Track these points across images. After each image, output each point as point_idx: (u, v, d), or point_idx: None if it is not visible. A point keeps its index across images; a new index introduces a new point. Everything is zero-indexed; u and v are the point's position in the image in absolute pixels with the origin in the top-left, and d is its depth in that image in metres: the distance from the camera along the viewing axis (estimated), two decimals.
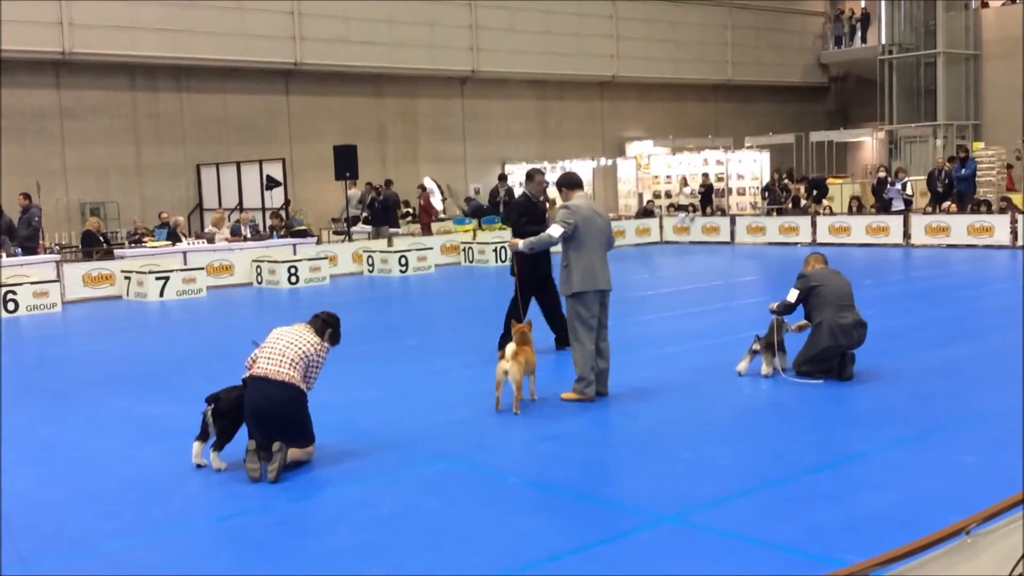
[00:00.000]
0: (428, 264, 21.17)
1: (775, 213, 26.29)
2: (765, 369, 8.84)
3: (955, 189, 23.54)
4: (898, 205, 23.82)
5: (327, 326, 6.94)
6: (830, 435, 7.09)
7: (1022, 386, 7.80)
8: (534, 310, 9.97)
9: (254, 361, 6.72)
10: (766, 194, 27.83)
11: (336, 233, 25.09)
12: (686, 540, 5.10)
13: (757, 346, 8.87)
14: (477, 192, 29.79)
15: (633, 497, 5.83)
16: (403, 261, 20.72)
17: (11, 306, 16.19)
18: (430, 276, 20.57)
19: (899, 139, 33.53)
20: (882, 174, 25.32)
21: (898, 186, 24.08)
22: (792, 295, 8.85)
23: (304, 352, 6.63)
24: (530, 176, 10.69)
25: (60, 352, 12.99)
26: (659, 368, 9.49)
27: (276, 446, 6.37)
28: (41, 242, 19.76)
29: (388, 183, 25.80)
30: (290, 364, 6.55)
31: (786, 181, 28.82)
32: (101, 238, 20.74)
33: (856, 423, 7.39)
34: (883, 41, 34.44)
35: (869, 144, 36.41)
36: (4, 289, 16.18)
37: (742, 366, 8.94)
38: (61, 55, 23.61)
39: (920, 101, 33.33)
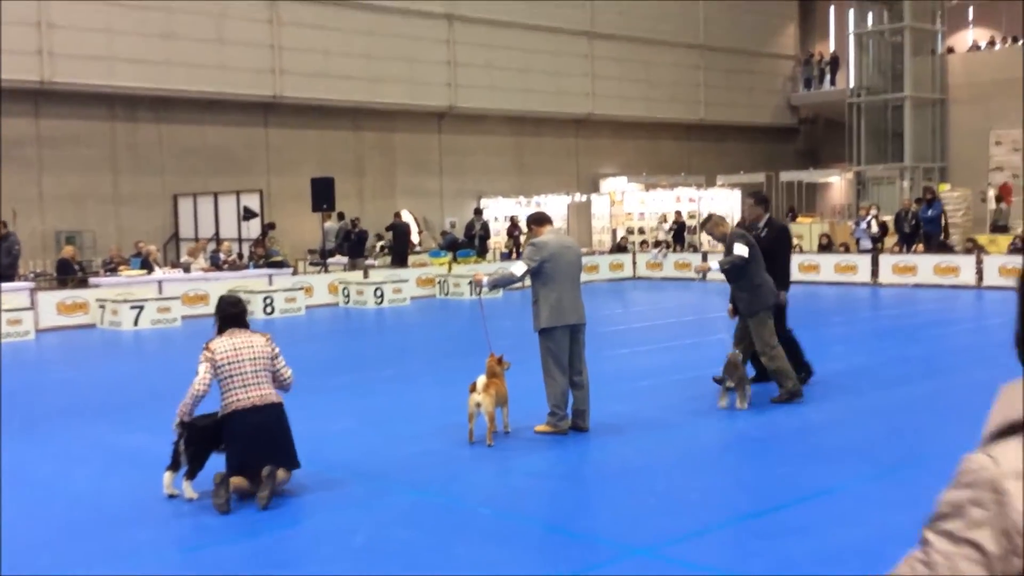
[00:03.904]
0: (403, 296, 21.23)
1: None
2: (740, 404, 9.03)
3: (921, 230, 23.97)
4: (865, 244, 24.19)
5: (244, 313, 6.86)
6: (800, 470, 7.20)
7: None
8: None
9: (206, 386, 6.52)
10: None
11: (312, 264, 25.13)
12: (658, 573, 5.16)
13: (731, 383, 9.05)
14: (453, 226, 29.94)
15: (606, 530, 5.91)
16: (378, 293, 20.78)
17: None
18: (405, 308, 20.63)
19: (867, 180, 34.09)
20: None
21: (863, 225, 24.46)
22: (744, 250, 9.19)
23: (264, 357, 6.64)
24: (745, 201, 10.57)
25: (33, 380, 12.90)
26: (632, 402, 9.60)
27: (266, 471, 6.33)
28: (17, 269, 19.66)
29: (397, 215, 26.16)
30: (265, 380, 6.58)
31: None
32: (77, 266, 20.66)
33: (826, 458, 7.51)
34: (852, 84, 35.10)
35: (838, 184, 36.99)
36: None
37: (723, 403, 9.12)
38: (40, 84, 23.59)
39: (888, 143, 33.94)
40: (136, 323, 17.64)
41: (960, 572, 1.30)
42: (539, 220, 8.67)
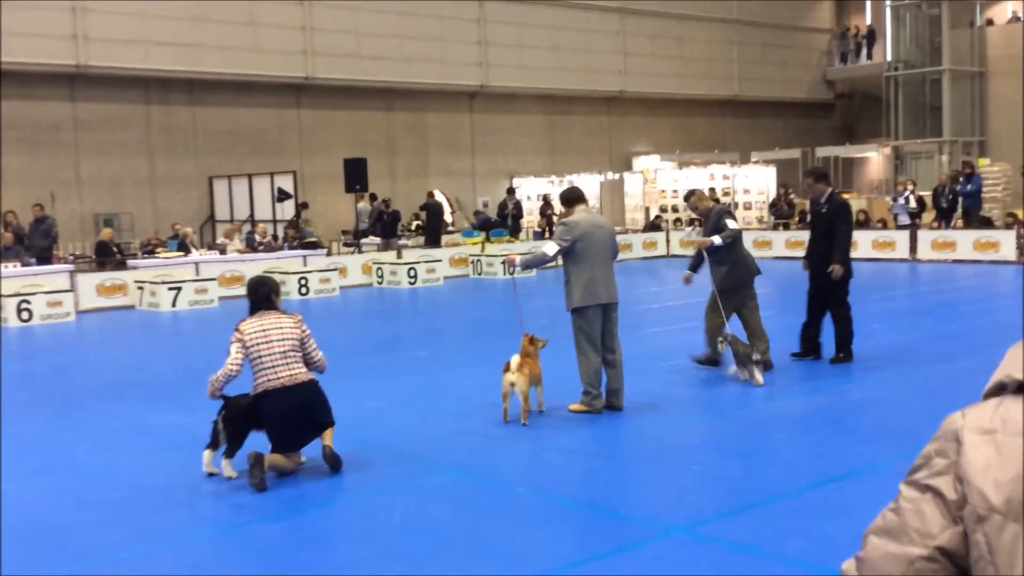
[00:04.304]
0: (437, 276, 21.29)
1: (782, 228, 26.40)
2: (762, 372, 9.13)
3: (959, 205, 23.61)
4: (903, 220, 23.89)
5: (272, 294, 6.90)
6: (837, 449, 7.15)
7: None
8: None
9: (238, 367, 6.64)
10: (772, 209, 27.95)
11: (346, 245, 25.26)
12: (695, 552, 5.14)
13: (757, 355, 9.11)
14: (485, 205, 29.93)
15: (641, 509, 5.91)
16: (412, 273, 20.85)
17: (25, 315, 16.35)
18: (439, 288, 20.68)
19: (905, 155, 33.62)
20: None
21: (900, 200, 24.14)
22: (736, 225, 9.96)
23: (293, 339, 6.69)
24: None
25: (73, 361, 13.11)
26: (666, 381, 9.57)
27: (327, 452, 6.62)
28: (55, 252, 19.95)
29: (430, 195, 26.22)
30: (294, 360, 6.65)
31: (792, 196, 28.94)
32: (115, 249, 20.93)
33: (863, 437, 7.45)
34: (889, 58, 34.56)
35: (875, 160, 36.51)
36: (19, 298, 16.36)
37: (759, 378, 9.15)
38: (76, 68, 23.84)
39: (926, 117, 33.42)
40: (174, 304, 17.85)
41: (924, 515, 1.38)
42: (570, 199, 8.64)
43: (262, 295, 6.87)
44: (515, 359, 7.95)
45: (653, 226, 28.69)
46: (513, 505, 6.05)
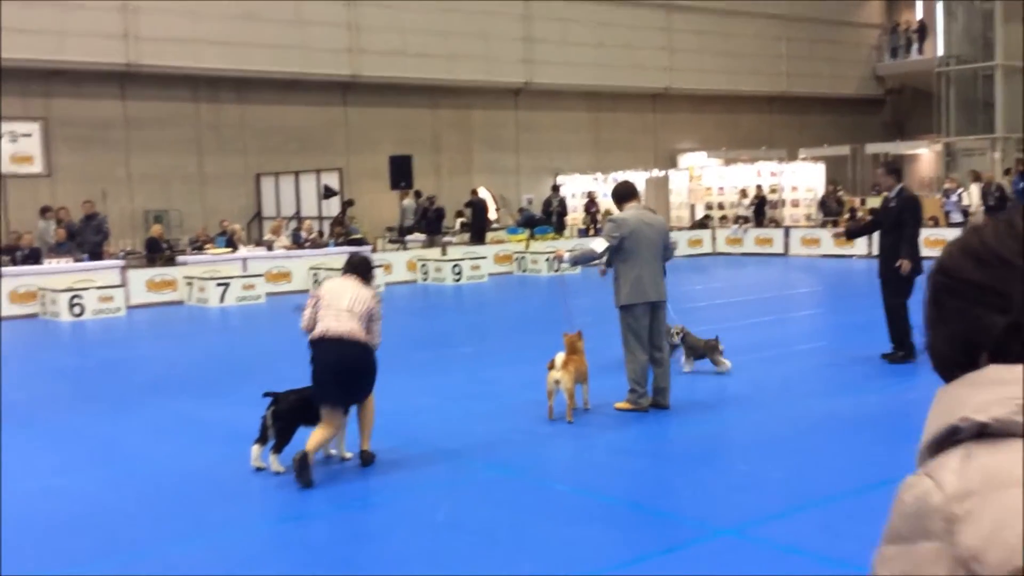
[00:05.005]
0: (481, 273, 21.31)
1: (830, 225, 26.06)
2: (688, 368, 9.65)
3: (1009, 202, 23.10)
4: (955, 218, 23.47)
5: (368, 270, 7.07)
6: (890, 450, 7.01)
7: None
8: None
9: (313, 321, 6.75)
10: (822, 206, 27.59)
11: (391, 242, 25.38)
12: (744, 554, 5.08)
13: (723, 345, 9.56)
14: (530, 202, 29.89)
15: (689, 509, 5.85)
16: (456, 270, 20.89)
17: (77, 310, 16.65)
18: (483, 285, 20.70)
19: (956, 152, 33.00)
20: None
21: (953, 198, 23.74)
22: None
23: (368, 308, 6.74)
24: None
25: (124, 355, 13.29)
26: (714, 380, 9.49)
27: (366, 460, 6.73)
28: (106, 248, 20.29)
29: (474, 192, 26.28)
30: (357, 321, 6.67)
31: (841, 193, 28.54)
32: (164, 245, 21.23)
33: (917, 439, 7.31)
34: (940, 53, 33.95)
35: (926, 157, 35.88)
36: (71, 293, 16.66)
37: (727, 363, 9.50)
38: (126, 67, 24.19)
39: (978, 114, 32.77)
40: (222, 300, 18.05)
41: None
42: (622, 195, 8.62)
43: (362, 265, 7.03)
44: (560, 356, 7.92)
45: (699, 224, 28.45)
46: (558, 504, 6.01)
